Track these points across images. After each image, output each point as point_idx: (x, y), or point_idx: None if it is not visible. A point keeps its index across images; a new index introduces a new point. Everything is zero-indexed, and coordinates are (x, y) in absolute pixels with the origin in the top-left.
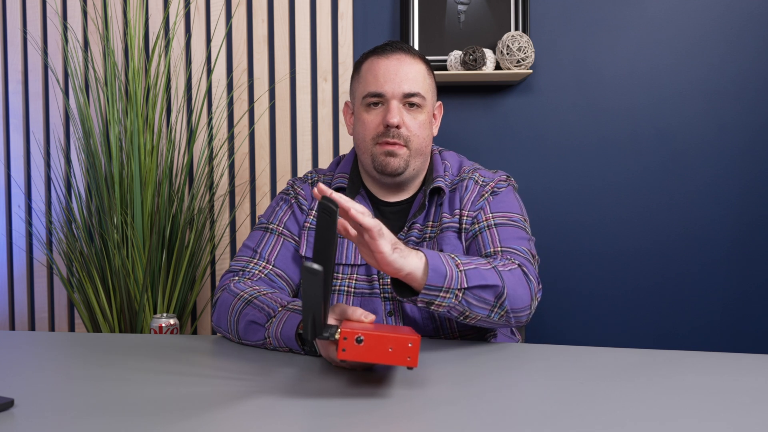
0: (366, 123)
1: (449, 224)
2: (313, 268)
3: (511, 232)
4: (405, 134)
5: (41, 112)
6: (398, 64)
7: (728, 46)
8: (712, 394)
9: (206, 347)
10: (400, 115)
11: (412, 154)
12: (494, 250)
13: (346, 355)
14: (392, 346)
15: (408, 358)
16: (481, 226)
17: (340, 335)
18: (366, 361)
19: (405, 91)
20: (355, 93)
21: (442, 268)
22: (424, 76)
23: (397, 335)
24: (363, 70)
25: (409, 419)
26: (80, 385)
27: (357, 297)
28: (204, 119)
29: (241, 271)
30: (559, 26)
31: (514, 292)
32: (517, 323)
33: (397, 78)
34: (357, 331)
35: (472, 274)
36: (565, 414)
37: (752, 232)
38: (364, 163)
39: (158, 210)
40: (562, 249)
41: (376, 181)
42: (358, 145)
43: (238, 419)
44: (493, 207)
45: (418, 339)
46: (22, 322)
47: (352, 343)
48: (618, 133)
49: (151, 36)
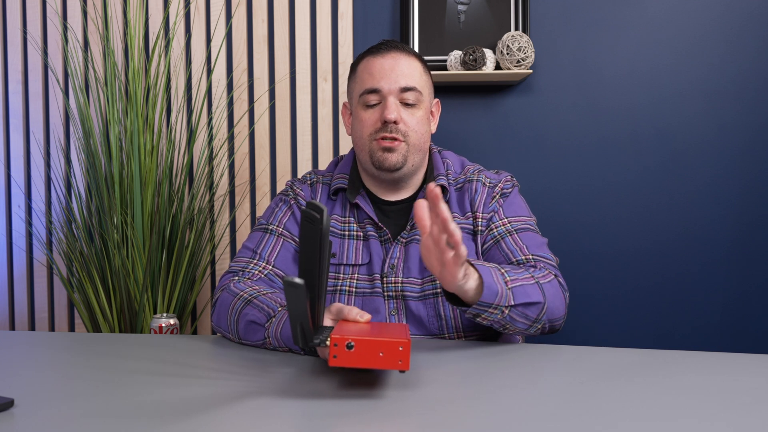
0: (363, 120)
1: (462, 225)
2: (294, 282)
3: (533, 238)
4: (403, 129)
5: (41, 112)
6: (394, 62)
7: (728, 46)
8: (712, 394)
9: (206, 347)
10: (397, 111)
11: (411, 149)
12: (526, 258)
13: (337, 361)
14: (383, 350)
15: (399, 362)
16: (500, 231)
17: (331, 342)
18: (357, 366)
19: (401, 86)
20: (352, 93)
21: (495, 286)
22: (420, 72)
23: (387, 339)
24: (359, 69)
25: (407, 419)
26: (80, 385)
27: (359, 297)
28: (204, 119)
29: (240, 272)
30: (559, 26)
31: (552, 305)
32: (551, 331)
33: (393, 74)
34: (347, 337)
35: (519, 292)
36: (565, 414)
37: (752, 232)
38: (363, 160)
39: (158, 210)
40: (562, 249)
41: (376, 180)
42: (356, 143)
43: (238, 419)
44: (507, 211)
45: (408, 342)
46: (22, 322)
47: (343, 350)
48: (618, 133)
49: (151, 36)
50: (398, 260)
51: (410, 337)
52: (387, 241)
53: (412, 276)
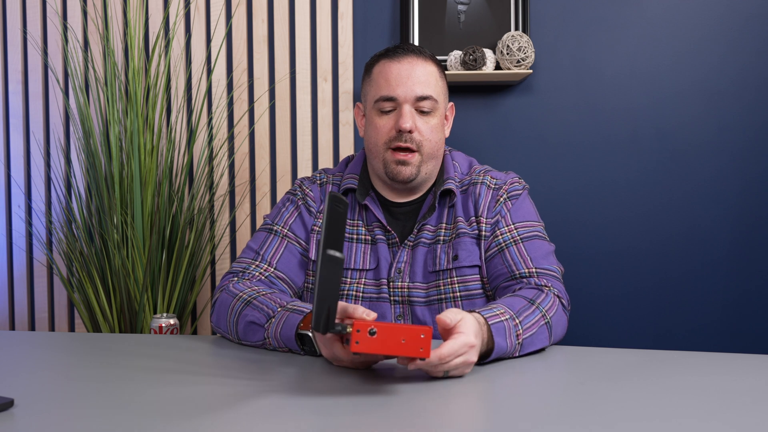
0: (378, 128)
1: (465, 230)
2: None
3: (538, 247)
4: (417, 139)
5: (41, 112)
6: (410, 68)
7: (728, 46)
8: (712, 394)
9: (206, 347)
10: (412, 120)
11: (424, 159)
12: (529, 272)
13: (360, 347)
14: (405, 337)
15: (421, 349)
16: (506, 239)
17: (353, 327)
18: (380, 353)
19: (417, 95)
20: (367, 96)
21: (504, 347)
22: (437, 78)
23: (409, 326)
24: (374, 73)
25: (406, 419)
26: (80, 385)
27: (365, 301)
28: (204, 119)
29: (241, 272)
30: (559, 26)
31: (555, 337)
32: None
33: (410, 81)
34: (370, 323)
35: (527, 343)
36: (565, 414)
37: (752, 232)
38: (376, 167)
39: (158, 210)
40: (562, 249)
41: (386, 184)
42: (369, 149)
43: (238, 419)
44: (514, 216)
45: (430, 330)
46: (22, 322)
47: (365, 336)
48: (618, 133)
49: (151, 36)
50: (405, 264)
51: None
52: (395, 245)
53: (418, 281)
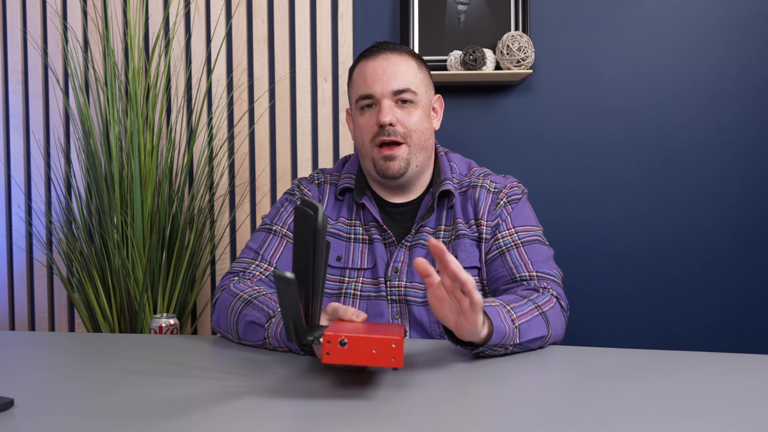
0: (362, 126)
1: (465, 232)
2: (285, 276)
3: (538, 252)
4: (401, 131)
5: (41, 112)
6: (385, 63)
7: (728, 46)
8: (712, 394)
9: (206, 347)
10: (392, 113)
11: (413, 150)
12: (529, 275)
13: (330, 358)
14: (376, 347)
15: (392, 359)
16: (507, 242)
17: (324, 339)
18: (351, 363)
19: (394, 89)
20: (351, 98)
21: (503, 328)
22: (414, 71)
23: (380, 337)
24: (354, 74)
25: (404, 419)
26: (80, 385)
27: (363, 300)
28: (204, 119)
29: (241, 272)
30: (559, 26)
31: (554, 331)
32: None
33: (385, 77)
34: (340, 335)
35: (525, 329)
36: (565, 414)
37: (752, 232)
38: (367, 167)
39: (158, 210)
40: (562, 249)
41: (380, 184)
42: (359, 149)
43: (238, 419)
44: (515, 220)
45: (401, 340)
46: (22, 322)
47: (336, 347)
48: (618, 133)
49: (151, 36)
50: (402, 264)
51: (404, 335)
52: (391, 244)
53: (416, 281)
